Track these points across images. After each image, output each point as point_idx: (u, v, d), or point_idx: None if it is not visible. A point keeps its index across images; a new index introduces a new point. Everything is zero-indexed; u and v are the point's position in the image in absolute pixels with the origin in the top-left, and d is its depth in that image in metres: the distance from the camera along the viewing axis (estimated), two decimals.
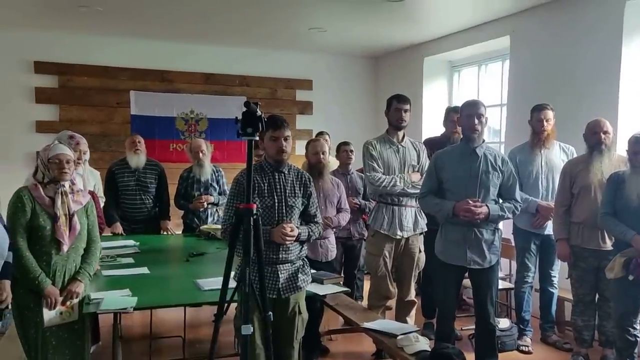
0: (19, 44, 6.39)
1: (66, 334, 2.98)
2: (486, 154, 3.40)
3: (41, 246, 2.89)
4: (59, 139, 3.55)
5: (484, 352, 3.49)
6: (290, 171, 2.94)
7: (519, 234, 4.35)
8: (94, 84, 6.72)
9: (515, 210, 3.43)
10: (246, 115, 2.25)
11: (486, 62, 6.47)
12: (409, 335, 3.21)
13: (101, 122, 6.78)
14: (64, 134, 3.79)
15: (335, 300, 4.04)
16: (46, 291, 2.86)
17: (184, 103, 7.10)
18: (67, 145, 3.25)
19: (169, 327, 4.54)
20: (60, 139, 3.60)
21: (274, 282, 2.84)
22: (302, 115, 7.69)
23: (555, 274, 4.30)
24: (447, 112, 4.66)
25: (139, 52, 6.84)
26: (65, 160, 2.93)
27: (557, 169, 4.15)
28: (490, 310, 3.44)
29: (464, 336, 4.44)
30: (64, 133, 3.81)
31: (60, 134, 3.78)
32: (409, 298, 4.14)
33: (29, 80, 6.47)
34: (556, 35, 4.98)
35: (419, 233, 4.08)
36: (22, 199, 2.88)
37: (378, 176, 3.90)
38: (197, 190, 5.05)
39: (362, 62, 7.96)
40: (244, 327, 2.19)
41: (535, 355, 4.20)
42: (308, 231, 2.92)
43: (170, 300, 3.28)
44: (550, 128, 4.19)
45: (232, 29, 6.30)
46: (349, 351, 4.33)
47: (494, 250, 3.42)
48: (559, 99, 4.62)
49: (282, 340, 2.90)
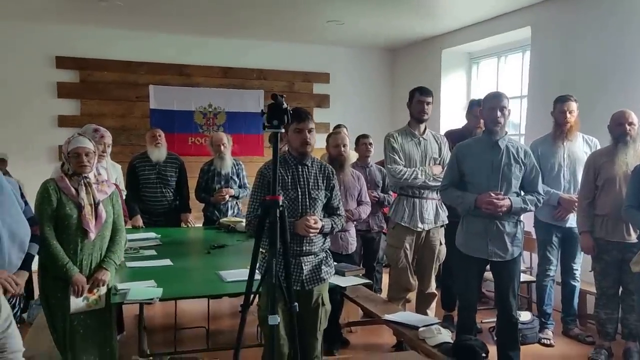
0: (40, 40, 6.47)
1: (94, 322, 3.02)
2: (508, 146, 3.38)
3: (68, 235, 2.94)
4: (84, 132, 3.59)
5: (506, 345, 3.47)
6: (314, 164, 2.95)
7: (540, 227, 4.32)
8: (113, 78, 6.79)
9: (537, 202, 3.41)
10: (272, 107, 2.25)
11: (506, 53, 6.41)
12: (431, 327, 3.22)
13: (121, 116, 6.85)
14: (89, 127, 3.83)
15: (355, 292, 4.06)
16: (74, 279, 2.91)
17: (202, 97, 7.14)
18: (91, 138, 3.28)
19: (190, 318, 4.59)
20: (85, 132, 3.64)
21: (297, 274, 2.86)
22: (319, 109, 7.69)
23: (578, 267, 4.27)
24: (470, 105, 4.63)
25: (158, 47, 6.90)
26: (84, 153, 2.94)
27: (580, 162, 4.11)
28: (512, 303, 3.43)
29: (484, 329, 4.44)
30: (88, 126, 3.85)
31: (85, 127, 3.82)
32: (429, 290, 4.14)
33: (51, 75, 6.56)
34: (579, 25, 4.92)
35: (440, 225, 4.07)
36: (47, 189, 2.93)
37: (399, 169, 3.90)
38: (218, 183, 5.09)
39: (379, 55, 7.93)
40: (270, 317, 2.21)
41: (557, 348, 4.18)
42: (331, 223, 2.93)
43: (194, 291, 3.33)
44: (574, 120, 4.14)
45: (250, 23, 6.32)
46: (369, 343, 4.35)
47: (517, 243, 3.40)
48: (582, 90, 4.57)
49: (305, 331, 2.92)
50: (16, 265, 2.65)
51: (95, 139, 3.55)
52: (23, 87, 6.44)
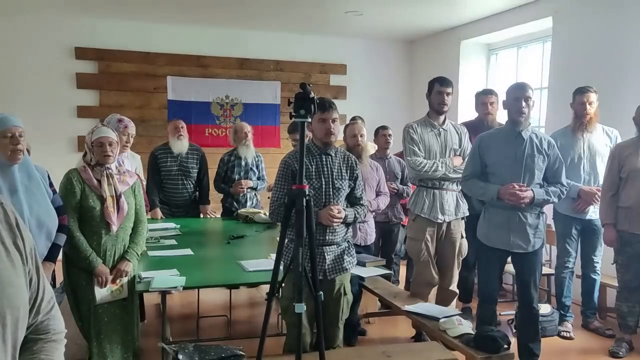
0: (60, 30, 6.52)
1: (117, 311, 3.07)
2: (532, 137, 3.35)
3: (91, 226, 2.98)
4: (107, 122, 3.62)
5: (527, 337, 3.46)
6: (337, 154, 2.95)
7: (559, 219, 4.29)
8: (132, 69, 6.83)
9: (561, 194, 3.39)
10: (299, 97, 2.25)
11: (526, 44, 6.34)
12: (452, 319, 3.21)
13: (139, 107, 6.89)
14: (114, 117, 3.84)
15: (373, 283, 4.07)
16: (97, 270, 2.95)
17: (219, 88, 7.16)
18: (115, 128, 3.31)
19: (209, 307, 4.63)
20: (109, 122, 3.67)
21: (320, 263, 2.87)
22: (336, 100, 7.51)
23: (598, 259, 4.24)
24: (476, 96, 4.65)
25: (176, 38, 6.91)
26: (107, 142, 2.96)
27: (600, 153, 4.07)
28: (533, 295, 3.41)
29: (503, 321, 4.43)
30: (113, 116, 3.86)
31: (109, 117, 3.83)
32: (451, 287, 4.03)
33: (71, 66, 6.61)
34: (602, 15, 4.84)
35: (461, 218, 4.04)
36: (71, 180, 2.96)
37: (419, 160, 3.85)
38: (237, 174, 5.10)
39: (397, 46, 7.89)
40: (297, 305, 2.22)
41: (577, 341, 4.16)
42: (354, 213, 2.94)
43: (216, 280, 3.36)
44: (593, 111, 4.09)
45: (267, 14, 6.31)
46: (386, 334, 4.36)
47: (539, 234, 3.38)
48: (604, 82, 4.51)
49: (327, 320, 2.93)
50: (43, 253, 2.70)
51: (120, 130, 3.58)
52: (44, 78, 6.50)
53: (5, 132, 2.57)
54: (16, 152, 2.59)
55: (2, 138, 2.58)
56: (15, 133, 2.60)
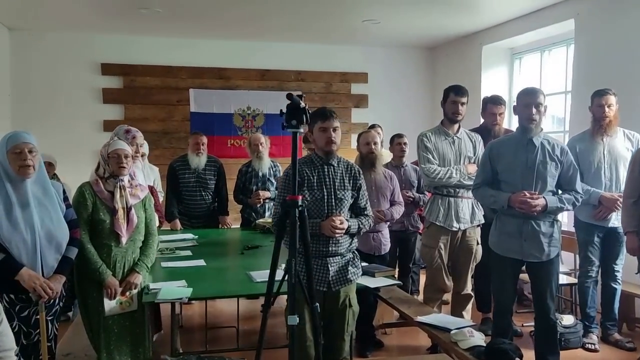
0: (87, 47, 6.75)
1: (127, 322, 3.11)
2: (544, 143, 3.26)
3: (102, 239, 3.03)
4: (116, 134, 3.69)
5: (545, 349, 3.35)
6: (340, 164, 2.93)
7: (580, 227, 4.14)
8: (155, 83, 6.98)
9: (575, 201, 3.28)
10: (290, 107, 2.26)
11: (549, 47, 6.19)
12: (463, 330, 3.14)
13: (162, 120, 7.04)
14: (121, 128, 3.90)
15: (389, 293, 4.01)
16: (106, 282, 2.99)
17: (241, 99, 7.24)
18: (124, 139, 3.37)
19: (227, 317, 4.65)
20: (117, 133, 3.74)
21: (324, 275, 2.85)
22: (358, 109, 7.66)
23: (619, 268, 4.06)
24: (484, 103, 4.52)
25: (197, 51, 7.04)
26: (123, 155, 3.03)
27: (621, 158, 3.93)
28: (550, 305, 3.30)
29: (525, 333, 4.30)
30: (120, 127, 3.92)
31: (117, 129, 3.90)
32: (465, 292, 4.04)
33: (97, 82, 6.82)
34: (624, 17, 4.69)
35: (477, 225, 3.97)
36: (83, 194, 3.03)
37: (433, 168, 3.83)
38: (255, 185, 5.14)
39: (418, 53, 7.82)
40: (290, 317, 2.21)
41: (602, 354, 4.00)
42: (358, 224, 2.91)
43: (224, 291, 3.38)
44: (612, 114, 3.95)
45: (287, 26, 6.36)
46: (403, 345, 4.29)
47: (554, 243, 3.27)
48: (628, 85, 4.37)
49: (333, 333, 2.91)
50: (52, 266, 2.76)
51: (128, 140, 3.64)
52: (71, 94, 6.73)
53: (15, 149, 2.66)
54: (25, 168, 2.66)
55: (12, 154, 2.66)
56: (25, 149, 2.67)
